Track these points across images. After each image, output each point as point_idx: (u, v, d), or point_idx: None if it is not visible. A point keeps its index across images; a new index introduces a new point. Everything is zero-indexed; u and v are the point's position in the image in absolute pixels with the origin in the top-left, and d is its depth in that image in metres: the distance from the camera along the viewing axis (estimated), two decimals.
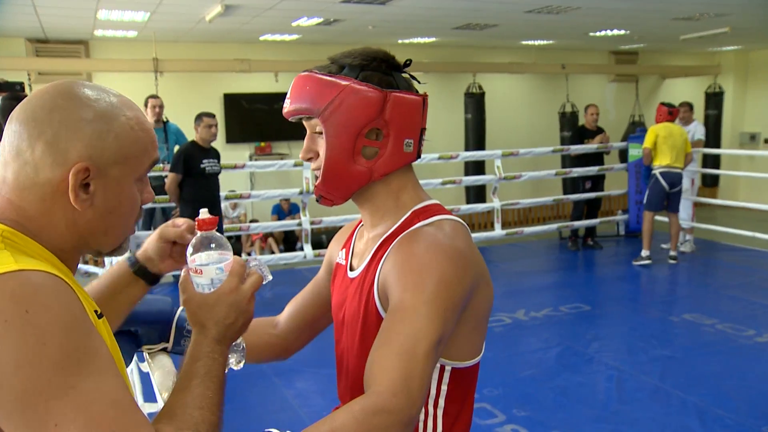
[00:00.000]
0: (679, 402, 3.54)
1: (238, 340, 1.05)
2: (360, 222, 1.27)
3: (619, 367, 4.05)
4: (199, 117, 5.25)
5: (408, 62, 1.17)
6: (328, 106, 1.08)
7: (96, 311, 0.85)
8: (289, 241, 8.25)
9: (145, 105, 6.05)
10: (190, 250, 0.95)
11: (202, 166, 5.16)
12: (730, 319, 4.88)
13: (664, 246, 7.08)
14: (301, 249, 6.35)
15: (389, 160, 1.12)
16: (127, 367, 1.13)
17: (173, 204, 5.42)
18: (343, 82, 1.08)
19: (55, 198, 0.84)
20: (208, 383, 0.87)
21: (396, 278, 1.03)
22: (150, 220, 6.23)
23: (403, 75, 1.16)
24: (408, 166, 1.17)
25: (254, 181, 8.51)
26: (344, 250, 1.27)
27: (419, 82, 1.19)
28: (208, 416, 0.84)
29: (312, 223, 6.23)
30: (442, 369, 1.11)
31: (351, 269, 1.21)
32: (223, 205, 7.62)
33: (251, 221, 7.97)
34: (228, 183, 7.49)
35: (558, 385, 3.81)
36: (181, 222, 1.10)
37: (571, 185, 7.92)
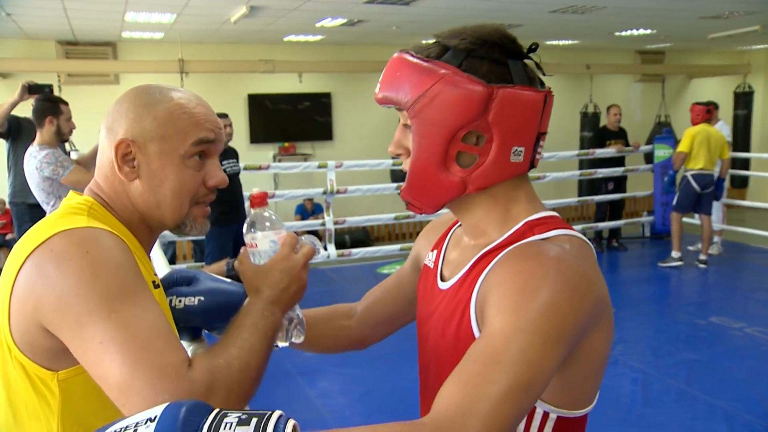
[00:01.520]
0: (707, 406, 3.49)
1: (297, 312, 1.06)
2: (457, 221, 1.07)
3: (645, 370, 4.00)
4: None
5: (534, 47, 0.96)
6: (419, 99, 0.89)
7: (154, 282, 0.99)
8: None
9: None
10: (245, 226, 1.01)
11: (222, 167, 5.07)
12: (759, 322, 4.79)
13: (690, 248, 6.98)
14: (325, 249, 6.38)
15: (489, 172, 0.91)
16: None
17: None
18: (441, 71, 0.88)
19: (114, 174, 0.99)
20: (252, 331, 0.93)
21: (495, 298, 0.84)
22: None
23: (526, 62, 0.95)
24: (522, 175, 0.95)
25: (278, 181, 8.57)
26: (435, 252, 1.09)
27: (544, 74, 0.98)
28: (245, 356, 0.90)
29: (335, 223, 6.25)
30: (545, 417, 0.91)
31: (442, 279, 1.02)
32: (247, 204, 7.71)
33: None
34: (252, 183, 7.55)
35: None
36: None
37: (588, 186, 7.82)
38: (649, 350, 4.42)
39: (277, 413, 0.65)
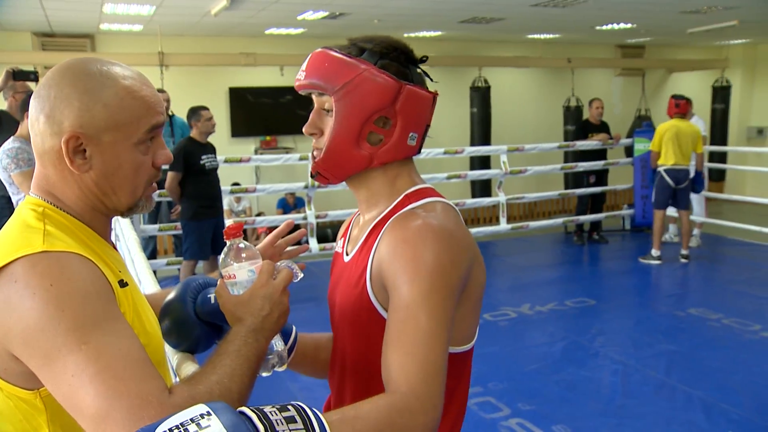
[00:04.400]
0: (685, 397, 3.54)
1: (279, 345, 1.07)
2: (357, 212, 1.27)
3: (625, 361, 4.05)
4: (196, 111, 5.05)
5: (424, 58, 1.18)
6: (344, 86, 1.08)
7: (121, 281, 0.96)
8: None
9: None
10: (221, 258, 1.02)
11: (201, 162, 5.02)
12: (736, 313, 4.87)
13: (666, 239, 7.06)
14: (307, 243, 6.36)
15: (392, 150, 1.12)
16: (207, 349, 1.14)
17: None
18: (363, 66, 1.09)
19: (62, 164, 0.95)
20: (234, 358, 0.92)
21: (391, 269, 1.02)
22: (156, 214, 6.22)
23: (418, 70, 1.16)
24: (409, 157, 1.17)
25: (259, 174, 8.52)
26: (342, 239, 1.28)
27: (431, 80, 1.19)
28: (226, 382, 0.89)
29: (317, 217, 6.23)
30: None
31: (346, 254, 1.21)
32: (228, 198, 7.66)
33: (257, 215, 7.99)
34: (233, 176, 7.51)
35: (563, 379, 3.81)
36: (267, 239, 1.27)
37: (573, 180, 7.89)
38: (628, 342, 4.47)
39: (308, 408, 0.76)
